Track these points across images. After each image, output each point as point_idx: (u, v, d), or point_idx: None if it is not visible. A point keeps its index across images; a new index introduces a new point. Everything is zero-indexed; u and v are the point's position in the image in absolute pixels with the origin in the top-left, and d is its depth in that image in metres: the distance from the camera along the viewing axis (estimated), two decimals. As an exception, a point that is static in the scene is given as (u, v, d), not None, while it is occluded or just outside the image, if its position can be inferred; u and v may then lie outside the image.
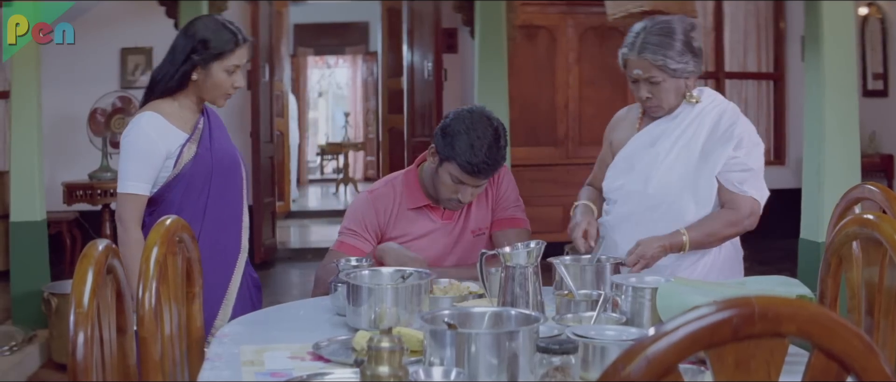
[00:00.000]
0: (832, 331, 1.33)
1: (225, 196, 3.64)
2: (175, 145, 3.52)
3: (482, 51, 8.02)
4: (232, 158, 3.71)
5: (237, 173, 3.72)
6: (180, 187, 3.55)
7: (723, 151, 3.35)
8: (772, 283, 2.65)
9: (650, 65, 3.32)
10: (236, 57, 3.53)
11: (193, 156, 3.55)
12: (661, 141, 3.44)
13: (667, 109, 3.43)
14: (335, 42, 19.04)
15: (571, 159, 9.75)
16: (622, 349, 2.18)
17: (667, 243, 3.24)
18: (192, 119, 3.60)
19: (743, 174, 3.35)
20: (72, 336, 2.02)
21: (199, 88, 3.55)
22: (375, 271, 3.08)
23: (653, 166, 3.43)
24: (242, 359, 2.59)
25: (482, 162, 3.42)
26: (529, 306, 2.75)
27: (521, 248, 2.79)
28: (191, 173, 3.54)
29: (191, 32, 3.55)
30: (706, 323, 1.30)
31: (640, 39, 3.35)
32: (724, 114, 3.41)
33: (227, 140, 3.75)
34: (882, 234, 2.36)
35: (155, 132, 3.50)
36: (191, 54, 3.50)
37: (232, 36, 3.53)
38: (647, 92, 3.39)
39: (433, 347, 2.17)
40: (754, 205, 3.37)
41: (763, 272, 8.14)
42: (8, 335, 6.55)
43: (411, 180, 3.70)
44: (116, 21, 9.54)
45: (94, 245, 2.20)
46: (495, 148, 3.44)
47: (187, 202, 3.55)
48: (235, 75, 3.56)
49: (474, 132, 3.43)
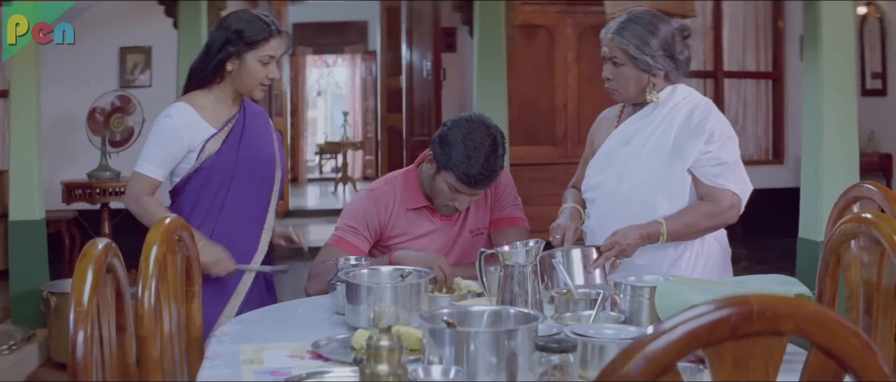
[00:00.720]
0: (830, 330, 1.34)
1: (247, 195, 3.67)
2: (199, 140, 3.58)
3: (481, 50, 8.03)
4: (265, 159, 3.74)
5: (268, 174, 3.75)
6: (198, 181, 3.61)
7: (694, 145, 3.35)
8: (770, 282, 2.66)
9: (615, 46, 3.37)
10: (271, 47, 3.58)
11: (216, 151, 3.60)
12: (635, 138, 3.46)
13: (625, 97, 3.47)
14: (334, 41, 19.03)
15: (570, 158, 9.69)
16: (621, 347, 2.20)
17: (644, 231, 3.25)
18: (227, 114, 3.66)
19: (717, 168, 3.35)
20: (72, 334, 2.03)
21: (234, 79, 3.60)
22: (374, 270, 3.09)
23: (626, 164, 3.45)
24: (242, 358, 2.60)
25: (479, 173, 3.43)
26: (528, 304, 2.76)
27: (519, 247, 2.80)
28: (211, 168, 3.60)
29: (225, 24, 3.62)
30: (705, 322, 1.30)
31: (619, 22, 3.41)
32: (696, 109, 3.42)
33: (265, 141, 3.77)
34: (881, 232, 2.36)
35: (182, 123, 3.57)
36: (225, 45, 3.56)
37: (265, 26, 3.58)
38: (609, 73, 3.43)
39: (432, 345, 2.18)
40: (734, 198, 3.36)
41: (762, 271, 8.20)
42: (7, 334, 6.55)
43: (410, 180, 3.70)
44: (115, 20, 9.55)
45: (94, 244, 2.20)
46: (493, 158, 3.45)
47: (204, 197, 3.63)
48: (270, 66, 3.60)
49: (472, 142, 3.43)
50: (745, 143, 10.62)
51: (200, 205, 3.63)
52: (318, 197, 16.52)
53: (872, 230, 2.40)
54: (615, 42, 3.37)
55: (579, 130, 9.91)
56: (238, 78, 3.60)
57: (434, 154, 3.53)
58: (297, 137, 17.77)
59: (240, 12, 3.74)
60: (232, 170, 3.62)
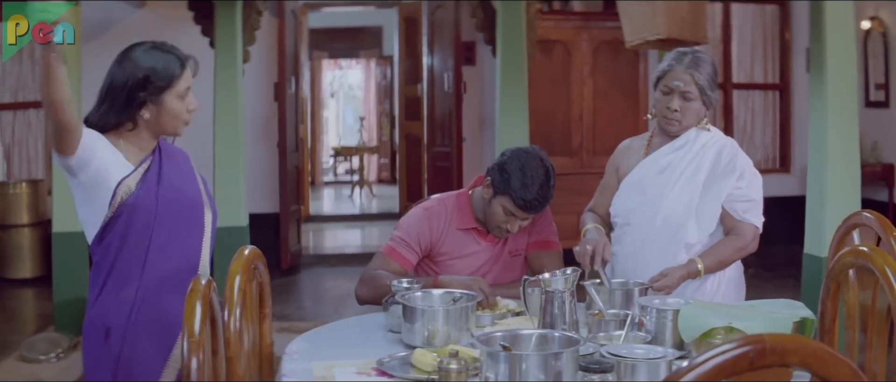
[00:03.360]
0: (827, 363, 1.68)
1: (173, 244, 3.24)
2: (114, 172, 3.15)
3: (503, 68, 8.23)
4: (190, 199, 3.33)
5: (196, 216, 3.34)
6: (118, 230, 3.18)
7: (727, 181, 3.75)
8: (778, 306, 3.02)
9: (692, 80, 3.72)
10: (186, 79, 3.22)
11: (131, 193, 3.17)
12: (668, 170, 3.82)
13: (684, 127, 3.81)
14: (348, 46, 19.26)
15: (585, 169, 10.03)
16: (650, 366, 2.59)
17: (685, 272, 3.63)
18: (140, 156, 3.25)
19: (747, 204, 3.76)
20: (186, 361, 2.38)
21: (153, 125, 3.21)
22: (427, 293, 3.43)
23: (662, 194, 3.80)
24: (314, 374, 2.93)
25: (534, 199, 3.77)
26: (566, 324, 3.12)
27: (559, 275, 3.17)
28: (129, 212, 3.16)
29: (129, 66, 3.17)
30: (729, 356, 1.65)
31: (689, 58, 3.75)
32: (724, 148, 3.81)
33: (187, 179, 3.37)
34: (874, 265, 2.73)
35: (102, 140, 3.16)
36: (135, 92, 3.15)
37: (175, 59, 3.21)
38: (677, 104, 3.76)
39: (489, 365, 2.53)
40: (756, 231, 3.78)
41: (769, 277, 8.51)
42: (54, 342, 6.83)
43: (463, 203, 4.02)
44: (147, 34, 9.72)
45: (198, 281, 2.55)
46: (546, 187, 3.80)
47: (125, 248, 3.19)
48: (189, 97, 3.25)
49: (528, 172, 3.77)
50: (753, 152, 10.82)
51: (120, 261, 3.18)
52: (334, 201, 16.71)
53: (867, 262, 2.77)
54: (693, 77, 3.72)
55: (594, 142, 10.21)
56: (158, 122, 3.21)
57: (492, 180, 3.85)
58: (314, 141, 18.04)
59: (140, 49, 3.20)
60: (152, 215, 3.19)
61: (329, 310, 8.45)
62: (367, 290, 3.84)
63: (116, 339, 3.15)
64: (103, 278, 3.20)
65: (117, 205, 3.14)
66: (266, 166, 10.09)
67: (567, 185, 9.83)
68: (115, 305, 3.18)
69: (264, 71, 10.01)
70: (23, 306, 8.96)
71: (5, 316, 8.46)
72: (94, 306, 3.21)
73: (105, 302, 3.20)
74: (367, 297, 3.84)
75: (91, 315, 3.20)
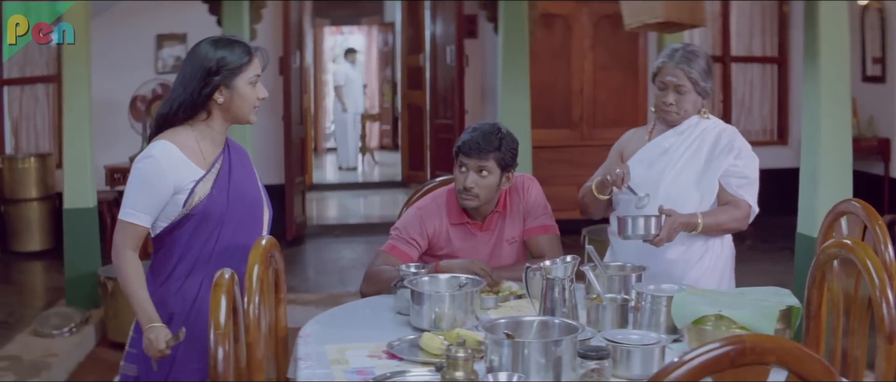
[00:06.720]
0: (802, 360, 1.84)
1: (237, 240, 3.43)
2: (187, 181, 3.34)
3: (505, 44, 8.29)
4: (253, 202, 3.54)
5: (257, 218, 3.55)
6: (189, 227, 3.38)
7: (725, 159, 3.94)
8: (766, 293, 3.19)
9: (684, 75, 3.91)
10: (255, 66, 3.40)
11: (206, 195, 3.37)
12: (671, 151, 4.00)
13: (681, 117, 3.99)
14: (350, 13, 19.31)
15: (586, 141, 10.19)
16: (644, 352, 2.76)
17: (686, 220, 3.82)
18: (213, 152, 3.43)
19: (741, 180, 3.94)
20: (212, 351, 2.56)
21: (227, 110, 3.38)
22: (434, 278, 3.59)
23: (665, 170, 3.98)
24: (329, 357, 3.10)
25: (469, 139, 3.98)
26: (566, 308, 3.29)
27: (559, 263, 3.33)
28: (202, 213, 3.36)
29: (201, 55, 3.36)
30: (712, 356, 1.81)
31: (680, 54, 3.93)
32: (723, 132, 4.00)
33: (250, 179, 3.56)
34: (856, 257, 2.90)
35: (167, 164, 3.31)
36: (209, 77, 3.32)
37: (244, 47, 3.40)
38: (672, 99, 3.95)
39: (493, 349, 2.70)
40: (749, 209, 3.96)
41: (766, 249, 8.65)
42: (66, 316, 6.95)
43: (452, 198, 4.15)
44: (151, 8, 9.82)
45: (223, 275, 2.72)
46: (489, 133, 3.99)
47: (194, 243, 3.39)
48: (258, 86, 3.42)
49: (476, 126, 4.05)
50: (751, 124, 10.97)
51: (189, 255, 3.39)
52: (336, 169, 16.72)
53: (850, 254, 2.94)
54: (685, 71, 3.90)
55: (594, 114, 10.37)
56: (231, 107, 3.37)
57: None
58: (317, 107, 18.13)
59: (207, 42, 3.41)
60: (223, 214, 3.40)
61: (335, 281, 8.60)
62: (373, 286, 3.97)
63: (178, 324, 3.30)
64: (171, 267, 3.40)
65: (192, 206, 3.35)
66: (270, 138, 10.15)
67: (567, 157, 9.99)
68: (181, 293, 3.39)
69: (270, 45, 10.08)
70: (33, 279, 9.10)
71: (17, 289, 8.59)
72: (157, 291, 3.38)
73: (171, 289, 3.41)
74: (372, 293, 3.96)
75: (154, 300, 3.33)
